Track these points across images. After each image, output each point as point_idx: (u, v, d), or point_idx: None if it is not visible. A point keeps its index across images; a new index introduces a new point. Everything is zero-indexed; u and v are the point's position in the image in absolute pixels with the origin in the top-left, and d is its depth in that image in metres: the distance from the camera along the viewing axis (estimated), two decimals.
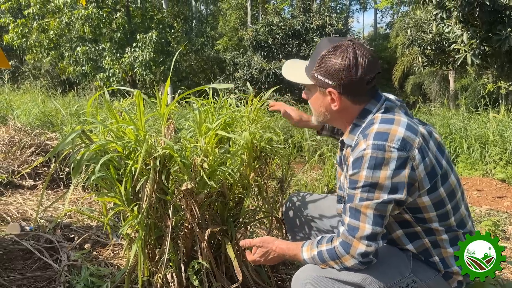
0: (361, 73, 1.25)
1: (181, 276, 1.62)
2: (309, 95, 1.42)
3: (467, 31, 7.78)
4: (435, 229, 1.31)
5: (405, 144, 1.19)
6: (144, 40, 14.61)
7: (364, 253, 1.22)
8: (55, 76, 20.77)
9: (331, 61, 1.27)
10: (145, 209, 1.49)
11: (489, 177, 4.75)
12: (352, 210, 1.24)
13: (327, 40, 1.33)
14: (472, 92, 14.15)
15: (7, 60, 2.59)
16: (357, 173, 1.21)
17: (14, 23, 15.27)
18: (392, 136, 1.20)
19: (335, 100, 1.31)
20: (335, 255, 1.26)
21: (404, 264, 1.32)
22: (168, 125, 1.65)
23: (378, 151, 1.18)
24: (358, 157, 1.22)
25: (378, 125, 1.24)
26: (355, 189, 1.23)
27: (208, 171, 1.54)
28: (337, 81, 1.27)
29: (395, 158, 1.18)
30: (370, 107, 1.31)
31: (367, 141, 1.21)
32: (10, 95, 8.23)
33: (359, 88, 1.28)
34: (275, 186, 2.10)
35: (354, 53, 1.25)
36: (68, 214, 2.89)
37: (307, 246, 1.34)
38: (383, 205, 1.20)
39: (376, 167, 1.18)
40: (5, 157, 3.93)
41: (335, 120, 1.40)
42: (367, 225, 1.21)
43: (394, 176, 1.18)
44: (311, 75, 1.34)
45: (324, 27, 12.40)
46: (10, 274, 1.97)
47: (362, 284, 1.26)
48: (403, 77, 19.71)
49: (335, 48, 1.27)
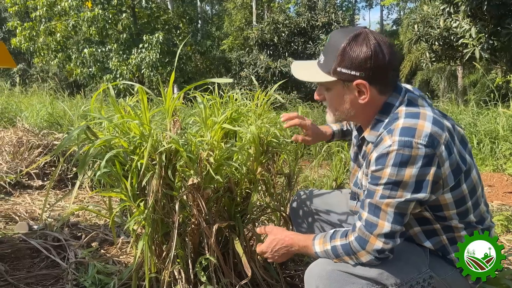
0: (388, 59, 1.19)
1: (189, 272, 1.60)
2: (326, 94, 1.32)
3: (475, 25, 7.68)
4: (455, 226, 1.27)
5: (432, 140, 1.14)
6: (151, 41, 14.66)
7: (381, 249, 1.19)
8: (63, 78, 20.93)
9: (356, 51, 1.18)
10: (151, 205, 1.47)
11: (500, 172, 4.69)
12: (372, 206, 1.20)
13: (340, 31, 1.25)
14: (481, 87, 13.99)
15: (13, 60, 2.59)
16: (381, 169, 1.17)
17: (22, 27, 15.42)
18: (420, 131, 1.14)
19: (364, 92, 1.23)
20: (350, 251, 1.23)
21: (421, 260, 1.29)
22: (174, 122, 1.64)
23: (405, 148, 1.13)
24: (383, 153, 1.17)
25: (403, 120, 1.19)
26: (377, 185, 1.18)
27: (215, 166, 1.52)
28: (365, 71, 1.19)
29: (422, 155, 1.13)
30: (392, 100, 1.26)
31: (393, 137, 1.16)
32: (19, 97, 8.30)
33: (387, 76, 1.22)
34: (283, 183, 2.08)
35: (375, 39, 1.19)
36: (76, 213, 2.90)
37: (319, 239, 1.31)
38: (405, 203, 1.17)
39: (401, 165, 1.14)
40: (13, 158, 3.95)
41: (358, 116, 1.32)
42: (386, 222, 1.18)
43: (419, 175, 1.14)
44: (333, 71, 1.23)
45: (330, 24, 12.36)
46: (18, 272, 1.97)
47: (378, 279, 1.22)
48: (411, 73, 19.56)
49: (355, 37, 1.19)
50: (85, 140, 1.50)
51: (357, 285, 1.23)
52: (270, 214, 2.02)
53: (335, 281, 1.23)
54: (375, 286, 1.23)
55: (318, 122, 5.35)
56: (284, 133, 1.87)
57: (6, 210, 2.94)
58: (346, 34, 1.21)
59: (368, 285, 1.23)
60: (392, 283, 1.23)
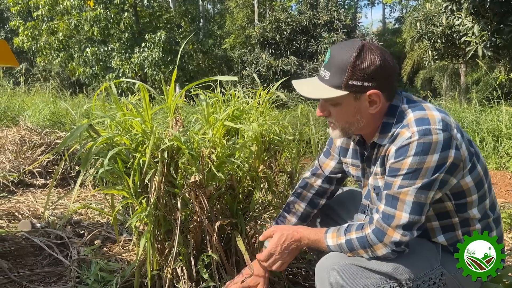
0: (393, 64, 1.24)
1: (191, 269, 1.60)
2: (333, 110, 1.30)
3: (478, 23, 7.64)
4: (472, 217, 1.29)
5: (446, 124, 1.18)
6: (153, 40, 14.66)
7: (399, 242, 1.18)
8: (66, 78, 20.97)
9: (365, 62, 1.20)
10: (154, 202, 1.47)
11: (503, 171, 4.67)
12: (389, 198, 1.20)
13: (340, 47, 1.25)
14: (483, 85, 13.93)
15: (15, 58, 2.59)
16: (401, 160, 1.18)
17: (24, 26, 15.45)
18: (433, 119, 1.18)
19: (376, 102, 1.24)
20: (366, 243, 1.22)
21: (434, 256, 1.29)
22: (177, 120, 1.64)
23: (426, 136, 1.16)
24: (403, 145, 1.18)
25: (413, 113, 1.22)
26: (396, 177, 1.19)
27: (217, 163, 1.52)
28: (376, 80, 1.21)
29: (441, 140, 1.16)
30: (395, 102, 1.29)
31: (411, 129, 1.19)
32: (21, 97, 8.32)
33: (393, 81, 1.26)
34: (285, 181, 2.07)
35: (377, 48, 1.23)
36: (78, 211, 2.91)
37: (332, 233, 1.30)
38: (423, 191, 1.17)
39: (423, 153, 1.16)
40: (16, 157, 3.97)
41: (368, 126, 1.31)
42: (403, 213, 1.18)
43: (440, 159, 1.16)
44: (344, 85, 1.22)
45: (332, 22, 12.34)
46: (21, 270, 1.98)
47: (392, 274, 1.21)
48: (413, 72, 19.51)
49: (361, 48, 1.21)
50: (88, 138, 1.50)
51: (370, 280, 1.22)
52: (272, 211, 2.02)
53: (348, 275, 1.21)
54: (389, 281, 1.22)
55: (320, 121, 5.33)
56: (286, 131, 1.87)
57: (9, 209, 2.95)
58: (350, 47, 1.22)
59: (381, 280, 1.22)
60: (406, 278, 1.22)
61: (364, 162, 1.43)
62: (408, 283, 1.22)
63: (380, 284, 1.22)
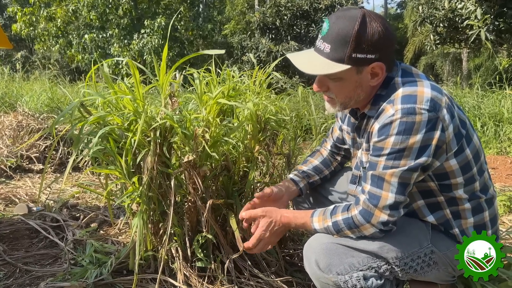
0: (394, 34, 1.18)
1: (186, 250, 1.59)
2: (333, 84, 1.23)
3: (481, 6, 7.51)
4: (459, 197, 1.25)
5: (434, 104, 1.12)
6: (152, 26, 14.50)
7: (386, 221, 1.17)
8: (65, 65, 20.84)
9: (369, 33, 1.13)
10: (146, 182, 1.45)
11: (504, 155, 4.64)
12: (375, 178, 1.18)
13: (340, 17, 1.16)
14: (485, 71, 13.81)
15: (8, 40, 2.55)
16: (384, 139, 1.15)
17: (22, 12, 15.29)
18: (421, 97, 1.13)
19: (378, 74, 1.19)
20: (352, 224, 1.20)
21: (423, 234, 1.27)
22: (173, 102, 1.60)
23: (409, 116, 1.11)
24: (386, 123, 1.14)
25: (402, 89, 1.17)
26: (380, 157, 1.16)
27: (211, 143, 1.49)
28: (380, 51, 1.15)
29: (425, 120, 1.11)
30: (392, 74, 1.23)
31: (395, 106, 1.14)
32: (20, 83, 8.26)
33: (393, 51, 1.21)
34: (282, 164, 2.05)
35: (377, 17, 1.16)
36: (76, 195, 2.89)
37: (318, 216, 1.28)
38: (409, 172, 1.14)
39: (406, 132, 1.11)
40: (14, 142, 3.95)
41: (366, 99, 1.26)
42: (390, 193, 1.16)
43: (424, 140, 1.12)
44: (347, 58, 1.15)
45: (333, 6, 12.17)
46: (16, 252, 1.97)
47: (379, 253, 1.21)
48: (415, 57, 19.32)
49: (362, 20, 1.13)
50: (80, 118, 1.47)
51: (357, 259, 1.21)
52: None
53: (334, 255, 1.21)
54: (375, 260, 1.22)
55: (320, 107, 5.29)
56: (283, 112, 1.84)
57: (6, 193, 2.94)
58: (350, 17, 1.14)
59: (368, 258, 1.22)
60: (393, 256, 1.21)
61: (354, 131, 1.40)
62: (395, 261, 1.21)
63: (367, 263, 1.21)
